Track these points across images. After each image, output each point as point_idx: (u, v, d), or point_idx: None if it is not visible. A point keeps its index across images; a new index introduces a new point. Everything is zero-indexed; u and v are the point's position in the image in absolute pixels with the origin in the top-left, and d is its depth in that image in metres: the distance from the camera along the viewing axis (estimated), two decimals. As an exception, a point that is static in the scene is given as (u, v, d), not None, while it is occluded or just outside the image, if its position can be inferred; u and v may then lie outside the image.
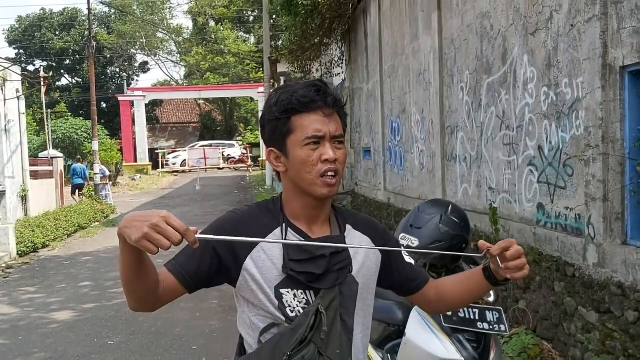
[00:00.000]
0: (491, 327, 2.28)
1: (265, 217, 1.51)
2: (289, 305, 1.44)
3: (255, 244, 1.44)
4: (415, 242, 2.25)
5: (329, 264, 1.47)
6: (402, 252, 1.67)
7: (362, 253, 1.56)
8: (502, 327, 2.30)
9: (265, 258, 1.45)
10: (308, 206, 1.49)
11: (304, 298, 1.45)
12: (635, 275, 3.33)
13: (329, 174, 1.43)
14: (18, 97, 14.09)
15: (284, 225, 1.48)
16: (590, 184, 3.77)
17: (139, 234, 1.16)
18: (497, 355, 2.35)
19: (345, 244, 1.52)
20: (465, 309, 2.30)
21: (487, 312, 2.31)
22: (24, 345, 5.47)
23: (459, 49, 6.26)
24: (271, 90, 1.41)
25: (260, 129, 1.56)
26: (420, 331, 2.34)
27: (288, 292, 1.44)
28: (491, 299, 2.41)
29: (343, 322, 1.49)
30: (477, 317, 2.29)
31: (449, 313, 2.28)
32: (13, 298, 7.35)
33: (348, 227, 1.58)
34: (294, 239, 1.48)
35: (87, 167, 20.17)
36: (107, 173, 19.88)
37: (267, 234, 1.47)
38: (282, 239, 1.46)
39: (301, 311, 1.43)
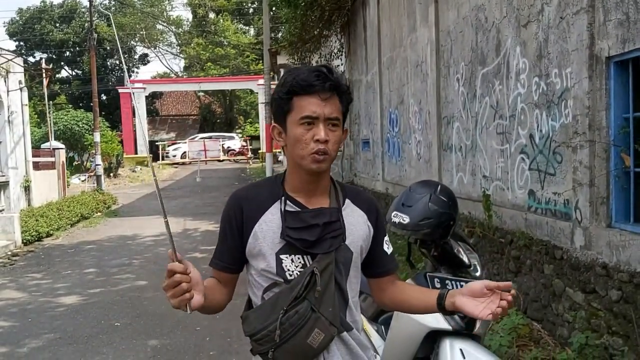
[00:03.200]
0: (477, 298, 2.45)
1: (267, 190, 1.69)
2: (288, 269, 1.61)
3: (259, 216, 1.64)
4: (406, 219, 2.41)
5: (322, 232, 1.62)
6: (384, 242, 1.80)
7: (358, 225, 1.71)
8: (488, 299, 2.46)
9: (267, 228, 1.63)
10: (305, 179, 1.64)
11: (300, 262, 1.62)
12: (618, 256, 3.50)
13: (319, 152, 1.56)
14: (21, 89, 14.20)
15: (282, 198, 1.65)
16: (577, 170, 3.94)
17: (172, 304, 1.46)
18: (482, 325, 2.52)
19: (339, 216, 1.67)
20: (453, 282, 2.47)
21: (473, 285, 2.48)
22: (34, 326, 5.66)
23: (455, 41, 6.41)
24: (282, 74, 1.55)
25: (270, 105, 1.74)
26: (412, 302, 2.52)
27: (286, 257, 1.62)
28: (478, 273, 2.57)
29: (337, 284, 1.64)
30: (464, 290, 2.46)
31: (438, 285, 2.45)
32: (20, 284, 7.54)
33: (347, 201, 1.73)
34: (289, 209, 1.64)
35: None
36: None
37: (269, 205, 1.66)
38: (282, 210, 1.64)
39: (298, 274, 1.60)
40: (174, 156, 33.47)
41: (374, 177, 10.97)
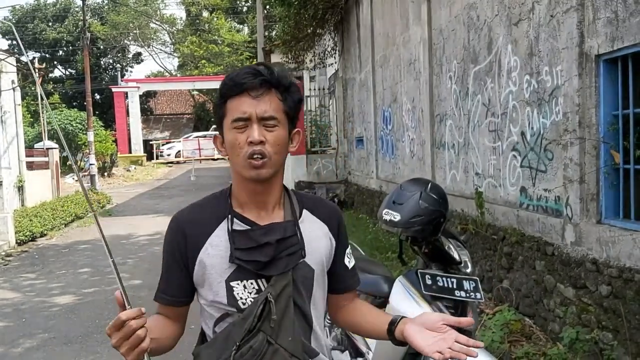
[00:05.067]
0: (467, 295, 2.48)
1: (211, 209, 1.50)
2: (240, 298, 1.43)
3: (204, 241, 1.45)
4: (397, 216, 2.44)
5: (276, 251, 1.43)
6: (346, 255, 1.63)
7: (318, 239, 1.53)
8: (478, 295, 2.49)
9: (215, 253, 1.44)
10: (250, 191, 1.46)
11: (254, 288, 1.43)
12: (608, 252, 3.54)
13: (255, 155, 1.38)
14: (13, 89, 14.17)
15: (230, 216, 1.46)
16: (568, 167, 3.97)
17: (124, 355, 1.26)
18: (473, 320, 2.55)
19: (295, 230, 1.48)
20: (444, 279, 2.50)
21: (464, 282, 2.51)
22: (28, 326, 5.66)
23: (447, 39, 6.44)
24: None
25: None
26: (403, 299, 2.55)
27: (238, 284, 1.43)
28: (469, 270, 2.60)
29: (298, 308, 1.46)
30: (454, 286, 2.49)
31: (429, 282, 2.48)
32: (14, 284, 7.54)
33: (305, 212, 1.55)
34: (238, 227, 1.45)
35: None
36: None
37: (216, 225, 1.46)
38: (229, 230, 1.44)
39: (252, 301, 1.42)
40: (168, 155, 33.47)
41: (368, 174, 11.00)
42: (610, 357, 3.43)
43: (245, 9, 41.64)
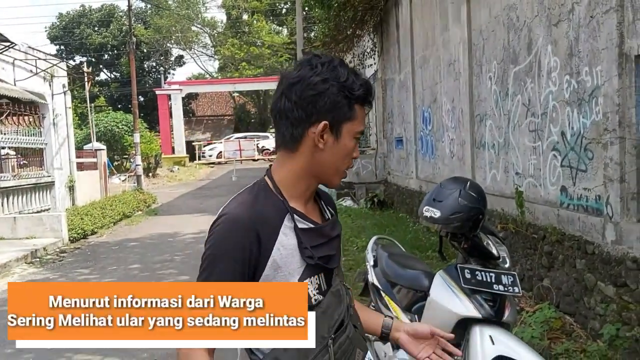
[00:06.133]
0: (506, 289, 2.59)
1: (268, 206, 1.40)
2: (311, 295, 1.39)
3: (274, 241, 1.36)
4: (437, 213, 2.57)
5: (336, 244, 1.49)
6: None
7: (338, 229, 1.55)
8: (516, 289, 2.60)
9: (286, 253, 1.38)
10: (308, 187, 1.45)
11: (317, 282, 1.41)
12: (648, 251, 3.58)
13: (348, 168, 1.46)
14: (64, 92, 14.77)
15: (291, 214, 1.41)
16: (608, 166, 4.01)
17: None
18: (511, 313, 2.66)
19: (335, 225, 1.53)
20: (483, 273, 2.62)
21: (502, 276, 2.62)
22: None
23: (487, 40, 6.49)
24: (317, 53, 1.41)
25: (311, 91, 1.38)
26: (443, 292, 2.67)
27: (308, 281, 1.39)
28: (507, 265, 2.71)
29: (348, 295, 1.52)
30: (493, 280, 2.61)
31: (468, 276, 2.60)
32: (70, 278, 7.93)
33: (322, 203, 1.56)
34: (302, 225, 1.41)
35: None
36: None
37: (279, 223, 1.39)
38: (293, 230, 1.39)
39: (316, 295, 1.40)
40: (210, 156, 34.06)
41: (408, 175, 11.07)
42: (650, 354, 3.47)
43: (284, 10, 42.04)
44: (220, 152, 33.72)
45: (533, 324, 4.27)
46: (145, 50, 42.64)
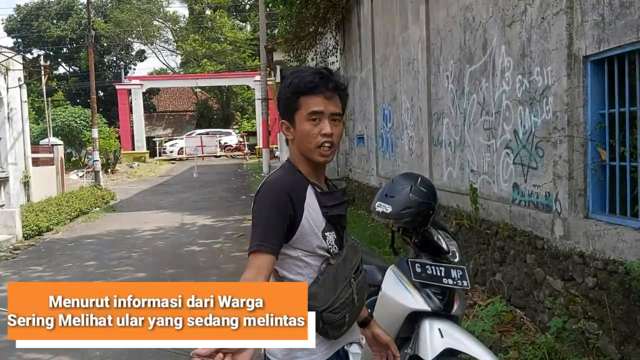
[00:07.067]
0: (455, 282, 2.65)
1: (294, 180, 1.83)
2: (330, 244, 1.83)
3: (303, 202, 1.78)
4: (389, 208, 2.62)
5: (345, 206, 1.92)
6: None
7: (346, 197, 1.99)
8: (465, 283, 2.67)
9: (313, 211, 1.80)
10: (315, 167, 1.85)
11: (334, 236, 1.85)
12: (594, 245, 3.71)
13: (326, 144, 1.77)
14: (20, 86, 14.36)
15: (312, 184, 1.84)
16: (557, 164, 4.13)
17: None
18: (460, 306, 2.73)
19: (344, 194, 1.98)
20: (433, 267, 2.67)
21: (452, 270, 2.68)
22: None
23: (444, 39, 6.59)
24: (289, 72, 2.21)
25: (277, 103, 1.90)
26: (394, 286, 2.72)
27: (328, 234, 1.83)
28: (456, 259, 2.77)
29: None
30: (443, 274, 2.66)
31: (419, 270, 2.65)
32: (23, 276, 7.73)
33: (333, 186, 1.99)
34: (320, 190, 1.87)
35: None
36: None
37: (304, 191, 1.82)
38: (314, 194, 1.83)
39: (334, 246, 1.84)
40: (171, 152, 33.63)
41: (369, 172, 11.16)
42: (595, 345, 3.59)
43: (247, 7, 41.77)
44: (182, 148, 33.34)
45: (485, 318, 4.38)
46: (105, 44, 41.76)
